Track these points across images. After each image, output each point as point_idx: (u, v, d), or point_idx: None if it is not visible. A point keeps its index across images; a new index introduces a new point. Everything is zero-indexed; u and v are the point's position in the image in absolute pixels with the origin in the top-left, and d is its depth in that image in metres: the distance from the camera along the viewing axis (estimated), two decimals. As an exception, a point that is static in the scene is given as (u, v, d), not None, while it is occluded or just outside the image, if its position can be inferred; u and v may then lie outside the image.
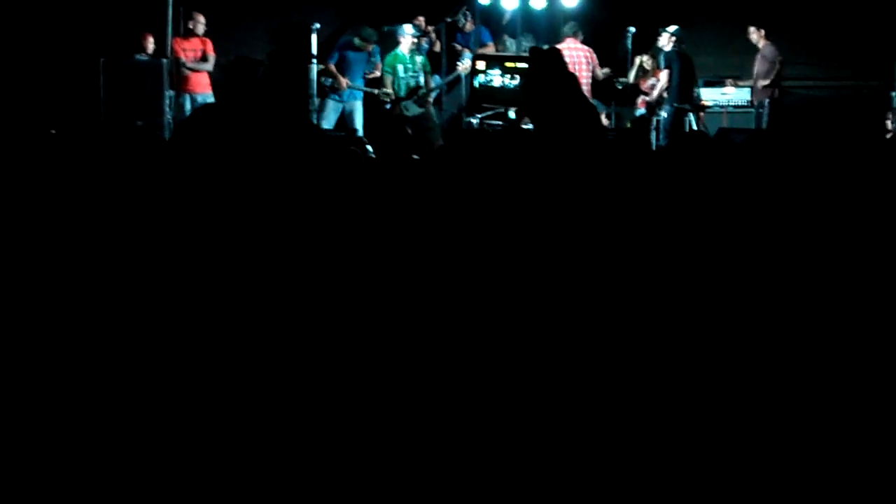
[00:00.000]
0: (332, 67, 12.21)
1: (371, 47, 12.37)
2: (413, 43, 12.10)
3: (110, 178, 4.21)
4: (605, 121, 12.47)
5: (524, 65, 10.93)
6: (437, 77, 12.72)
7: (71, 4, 13.94)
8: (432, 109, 12.35)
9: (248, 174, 3.37)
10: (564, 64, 8.93)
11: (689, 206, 4.11)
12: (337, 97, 12.17)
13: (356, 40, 12.23)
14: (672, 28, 12.22)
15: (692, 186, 4.35)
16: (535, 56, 9.08)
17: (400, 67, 12.04)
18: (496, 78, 11.76)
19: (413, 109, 12.01)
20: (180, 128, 5.13)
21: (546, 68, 8.58)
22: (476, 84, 12.00)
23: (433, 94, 12.50)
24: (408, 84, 12.04)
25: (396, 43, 12.17)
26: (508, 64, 11.80)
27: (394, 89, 12.03)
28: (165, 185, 3.56)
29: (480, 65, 11.99)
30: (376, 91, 12.15)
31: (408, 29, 12.10)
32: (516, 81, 11.55)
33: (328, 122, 12.04)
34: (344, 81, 12.13)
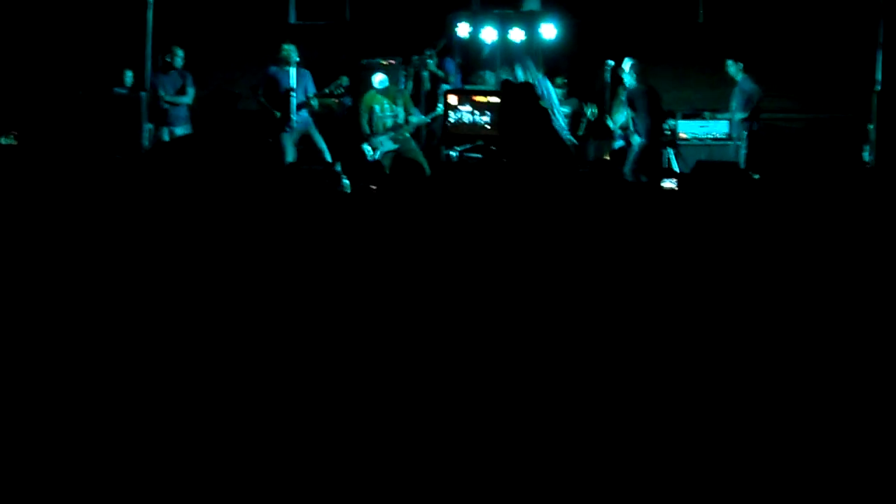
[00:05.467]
0: (262, 100, 11.82)
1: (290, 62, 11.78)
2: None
3: (88, 207, 4.18)
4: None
5: (495, 99, 10.91)
6: (417, 111, 12.71)
7: (51, 37, 13.95)
8: (412, 142, 12.26)
9: (222, 207, 3.36)
10: (536, 97, 8.96)
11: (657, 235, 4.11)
12: (288, 129, 11.86)
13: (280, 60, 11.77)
14: (627, 64, 11.98)
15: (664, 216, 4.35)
16: (506, 90, 9.12)
17: (377, 107, 11.96)
18: (466, 114, 11.71)
19: (387, 145, 11.93)
20: (157, 158, 5.12)
21: (517, 102, 8.62)
22: (449, 121, 11.92)
23: (412, 128, 12.41)
24: (384, 123, 11.97)
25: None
26: (479, 99, 11.75)
27: (371, 126, 11.94)
28: (142, 214, 3.54)
29: (453, 100, 11.91)
30: (326, 90, 11.83)
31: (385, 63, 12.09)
32: (487, 118, 11.53)
33: (290, 157, 11.66)
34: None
